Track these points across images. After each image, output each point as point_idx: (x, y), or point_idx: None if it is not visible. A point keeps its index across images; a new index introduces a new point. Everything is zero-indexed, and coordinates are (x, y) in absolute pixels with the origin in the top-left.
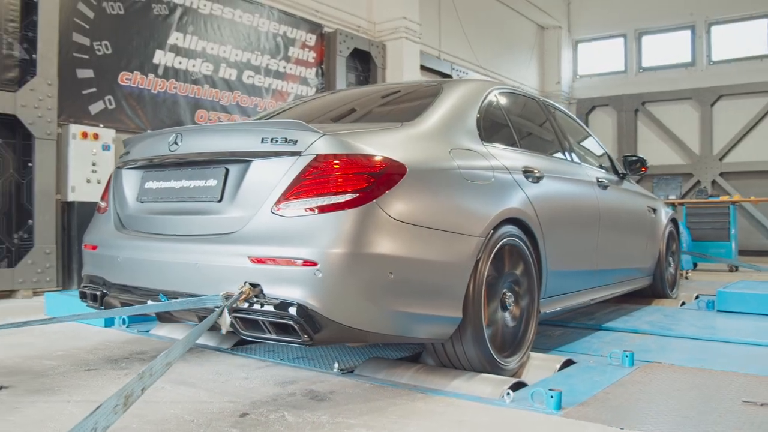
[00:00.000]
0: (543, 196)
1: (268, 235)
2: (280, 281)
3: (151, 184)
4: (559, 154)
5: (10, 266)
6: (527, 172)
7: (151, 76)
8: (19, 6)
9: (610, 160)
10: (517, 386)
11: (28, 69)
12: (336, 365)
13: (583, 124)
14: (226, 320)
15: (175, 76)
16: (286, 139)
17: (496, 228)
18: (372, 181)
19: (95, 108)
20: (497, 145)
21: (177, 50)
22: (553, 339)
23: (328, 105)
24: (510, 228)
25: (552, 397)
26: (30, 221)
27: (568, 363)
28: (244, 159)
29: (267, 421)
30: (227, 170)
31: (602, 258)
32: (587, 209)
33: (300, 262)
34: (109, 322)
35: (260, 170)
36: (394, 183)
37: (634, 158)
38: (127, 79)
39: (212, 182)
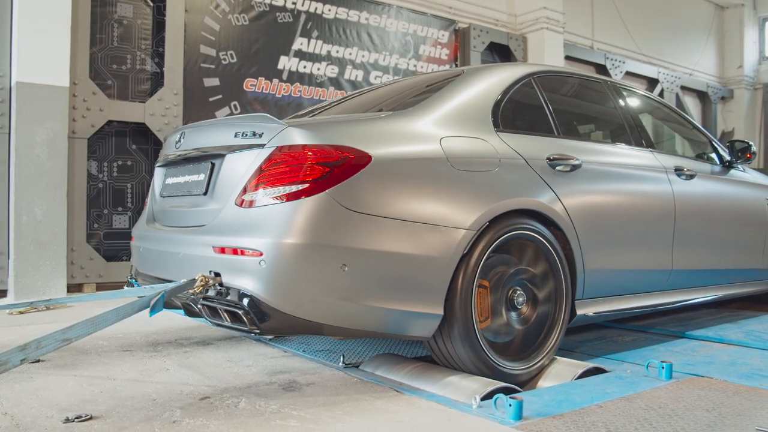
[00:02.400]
0: (578, 187)
1: (230, 226)
2: (233, 270)
3: (169, 180)
4: (621, 141)
5: None
6: (555, 160)
7: (275, 81)
8: (150, 25)
9: (714, 147)
10: (509, 392)
11: (158, 81)
12: (341, 359)
13: (676, 109)
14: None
15: (299, 80)
16: (254, 132)
17: (496, 220)
18: (326, 171)
19: (221, 114)
20: (520, 132)
21: (301, 55)
22: (618, 344)
23: (374, 98)
24: (521, 221)
25: (510, 405)
26: None
27: (595, 371)
28: (223, 153)
29: (218, 406)
30: (213, 165)
31: (684, 257)
32: (654, 201)
33: (248, 252)
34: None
35: (233, 164)
36: (354, 173)
37: (741, 144)
38: (252, 85)
39: (201, 176)
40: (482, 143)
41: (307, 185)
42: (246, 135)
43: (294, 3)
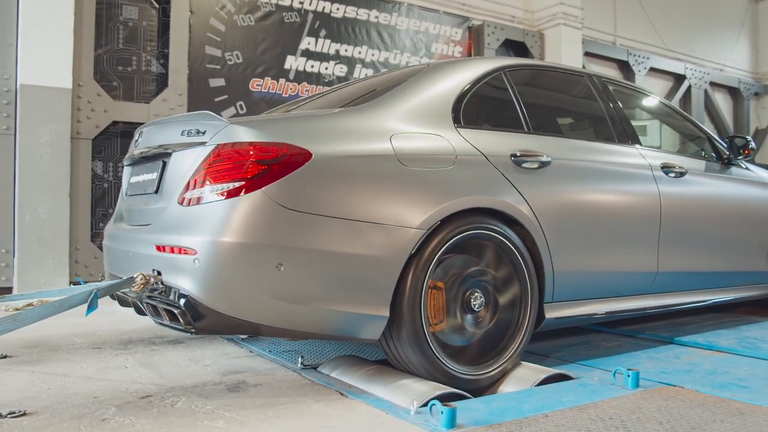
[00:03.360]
0: (546, 185)
1: (171, 225)
2: (172, 269)
3: (132, 179)
4: (602, 137)
5: None
6: (520, 157)
7: (282, 80)
8: (156, 26)
9: (711, 143)
10: (457, 398)
11: (163, 82)
12: (300, 360)
13: (672, 105)
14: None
15: (307, 79)
16: (198, 130)
17: (450, 219)
18: (262, 168)
19: (227, 114)
20: (484, 129)
21: (309, 54)
22: (599, 350)
23: (348, 93)
24: (480, 220)
25: (442, 413)
26: None
27: (561, 378)
28: (171, 152)
29: (155, 405)
30: (163, 163)
31: (672, 259)
32: (636, 200)
33: (184, 250)
34: None
35: (178, 162)
36: (292, 170)
37: (741, 140)
38: (258, 85)
39: (154, 175)
40: (438, 140)
41: (242, 183)
42: (191, 133)
43: (301, 2)
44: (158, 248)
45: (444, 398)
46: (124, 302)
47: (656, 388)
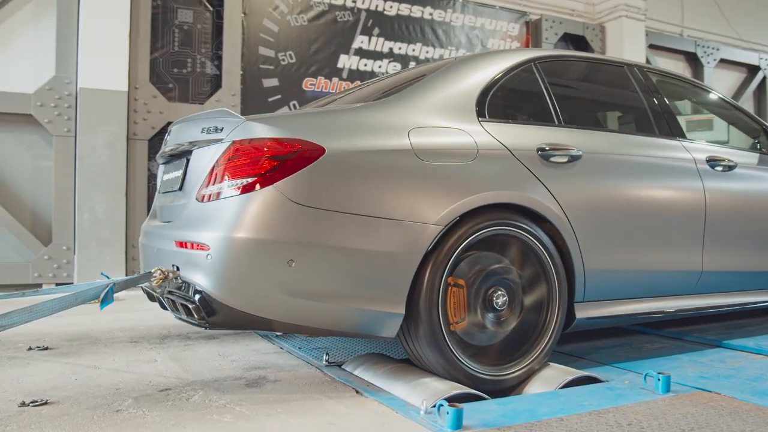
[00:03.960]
0: (576, 180)
1: (190, 221)
2: (188, 264)
3: (164, 176)
4: (642, 130)
5: None
6: (548, 151)
7: (335, 79)
8: (210, 29)
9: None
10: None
11: (217, 83)
12: (325, 357)
13: (724, 96)
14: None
15: (360, 77)
16: (216, 127)
17: (470, 215)
18: (275, 164)
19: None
20: (510, 122)
21: (362, 53)
22: (640, 352)
23: (380, 87)
24: (503, 216)
25: (448, 413)
26: None
27: (588, 380)
28: (192, 149)
29: (172, 398)
30: (187, 160)
31: (719, 257)
32: (678, 195)
33: (198, 246)
34: None
35: (199, 159)
36: (304, 165)
37: None
38: (311, 84)
39: (179, 172)
40: (459, 134)
41: (254, 179)
42: (209, 130)
43: (354, 1)
44: (177, 244)
45: (460, 398)
46: (152, 298)
47: (689, 394)
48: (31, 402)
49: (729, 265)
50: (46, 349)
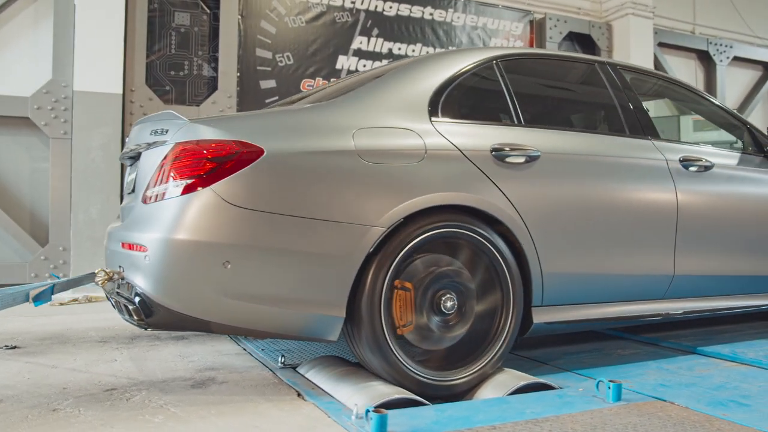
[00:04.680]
0: (533, 180)
1: (134, 223)
2: (130, 265)
3: (127, 178)
4: (610, 129)
5: None
6: (502, 151)
7: (333, 80)
8: (207, 31)
9: (752, 134)
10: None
11: (214, 85)
12: (280, 359)
13: (701, 92)
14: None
15: None
16: (163, 129)
17: (416, 217)
18: (213, 166)
19: None
20: (465, 122)
21: (361, 54)
22: (609, 358)
23: (343, 86)
24: (453, 218)
25: (371, 419)
26: None
27: (542, 387)
28: (141, 151)
29: (114, 398)
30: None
31: (692, 261)
32: (646, 196)
33: (137, 247)
34: None
35: (146, 161)
36: (242, 167)
37: None
38: (309, 85)
39: (134, 175)
40: (407, 134)
41: (191, 181)
42: (157, 132)
43: (353, 2)
44: (122, 245)
45: (399, 404)
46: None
47: (641, 402)
48: None
49: (703, 270)
50: (15, 348)
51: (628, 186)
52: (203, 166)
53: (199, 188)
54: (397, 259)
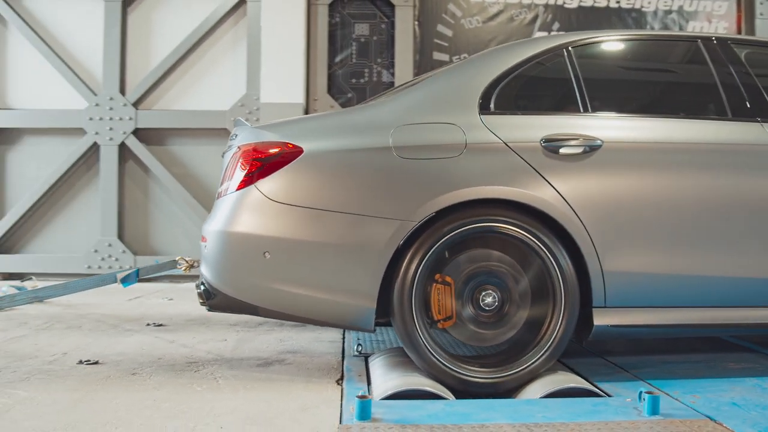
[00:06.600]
0: (591, 172)
1: (208, 217)
2: (201, 254)
3: None
4: (708, 112)
5: None
6: (554, 142)
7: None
8: (386, 39)
9: None
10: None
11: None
12: (356, 347)
13: None
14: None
15: None
16: (235, 134)
17: (449, 211)
18: (259, 165)
19: None
20: (517, 113)
21: None
22: (710, 371)
23: (406, 85)
24: (492, 213)
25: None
26: None
27: (586, 393)
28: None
29: (191, 369)
30: None
31: None
32: (746, 186)
33: (203, 238)
34: None
35: (224, 162)
36: (282, 165)
37: None
38: None
39: None
40: (448, 128)
41: (241, 179)
42: (232, 137)
43: None
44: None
45: (417, 396)
46: None
47: (679, 419)
48: (86, 360)
49: None
50: (160, 325)
51: (720, 177)
52: (252, 166)
53: (247, 185)
54: (431, 253)
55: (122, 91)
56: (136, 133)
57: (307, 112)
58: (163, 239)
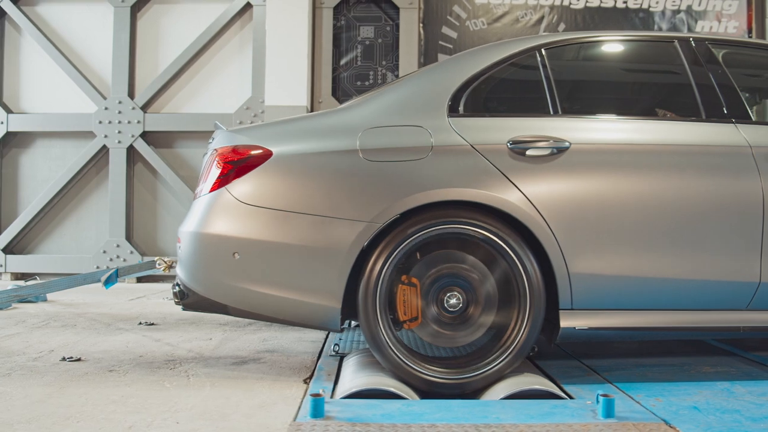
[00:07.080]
0: (558, 174)
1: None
2: (178, 254)
3: None
4: (681, 113)
5: None
6: (521, 144)
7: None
8: (391, 42)
9: None
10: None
11: None
12: (333, 347)
13: None
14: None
15: None
16: (213, 138)
17: (414, 213)
18: (230, 168)
19: None
20: (486, 115)
21: None
22: (681, 374)
23: (379, 88)
24: (458, 214)
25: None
26: None
27: (548, 395)
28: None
29: (167, 367)
30: None
31: None
32: (717, 187)
33: (178, 238)
34: None
35: (202, 165)
36: (251, 168)
37: None
38: None
39: None
40: (415, 131)
41: (213, 182)
42: (210, 140)
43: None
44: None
45: (377, 395)
46: None
47: (632, 422)
48: (68, 358)
49: None
50: (152, 324)
51: (689, 178)
52: (224, 168)
53: (219, 188)
54: (395, 254)
55: (131, 95)
56: (145, 136)
57: None
58: (170, 240)
